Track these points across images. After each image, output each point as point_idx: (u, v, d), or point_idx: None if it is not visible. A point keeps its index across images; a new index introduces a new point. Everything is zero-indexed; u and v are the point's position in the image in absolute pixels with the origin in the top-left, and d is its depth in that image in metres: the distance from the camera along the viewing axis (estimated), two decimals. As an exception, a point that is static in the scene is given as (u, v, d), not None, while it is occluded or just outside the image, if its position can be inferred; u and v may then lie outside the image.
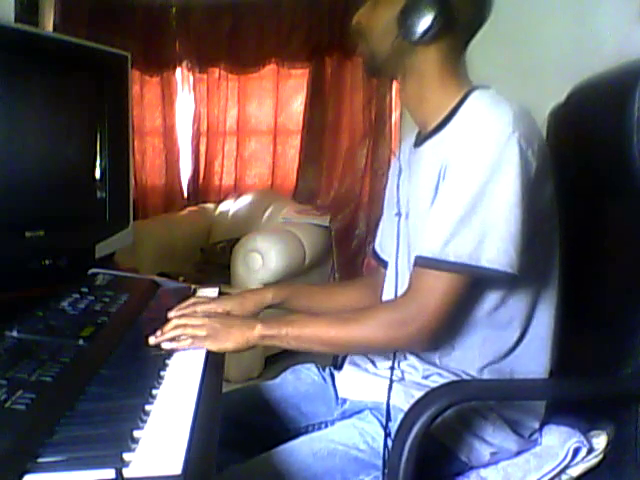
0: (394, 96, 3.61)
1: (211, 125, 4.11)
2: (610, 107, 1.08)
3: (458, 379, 1.05)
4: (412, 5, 1.01)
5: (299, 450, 1.01)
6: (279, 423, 1.20)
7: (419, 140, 1.14)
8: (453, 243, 0.96)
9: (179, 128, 4.16)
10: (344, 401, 1.18)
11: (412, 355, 1.09)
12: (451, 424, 1.01)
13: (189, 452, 0.64)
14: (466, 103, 1.02)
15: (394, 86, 3.61)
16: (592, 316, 1.16)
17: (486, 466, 1.05)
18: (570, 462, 1.05)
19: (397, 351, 1.09)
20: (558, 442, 1.08)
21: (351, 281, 1.71)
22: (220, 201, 4.08)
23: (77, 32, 2.12)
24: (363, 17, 1.10)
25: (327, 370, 1.28)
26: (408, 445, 0.86)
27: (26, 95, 1.35)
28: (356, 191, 3.70)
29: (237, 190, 4.09)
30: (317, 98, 3.83)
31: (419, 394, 0.93)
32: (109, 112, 1.55)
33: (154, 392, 0.81)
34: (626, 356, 1.04)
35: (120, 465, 0.60)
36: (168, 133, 4.14)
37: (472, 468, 1.05)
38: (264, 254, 2.83)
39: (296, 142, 3.95)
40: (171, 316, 1.13)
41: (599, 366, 1.11)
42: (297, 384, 1.25)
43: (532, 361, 1.08)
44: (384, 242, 1.29)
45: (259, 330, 1.02)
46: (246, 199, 3.90)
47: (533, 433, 1.10)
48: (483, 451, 1.04)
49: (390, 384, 1.06)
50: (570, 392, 1.05)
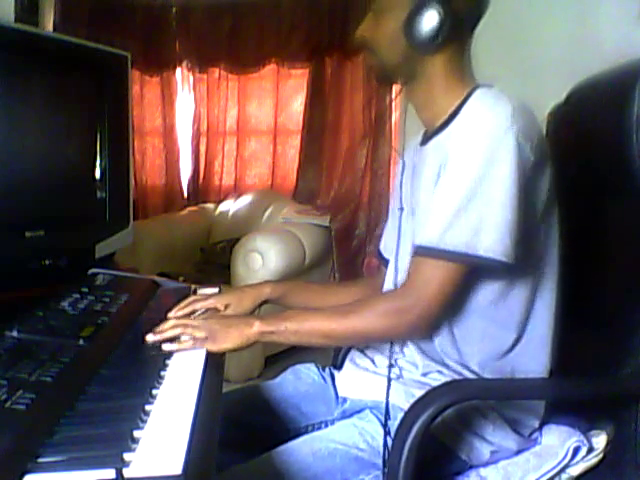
0: (394, 96, 3.61)
1: (211, 125, 4.11)
2: (610, 107, 1.08)
3: (458, 377, 1.06)
4: (417, 14, 1.02)
5: (299, 450, 1.02)
6: (279, 423, 1.20)
7: (424, 139, 1.15)
8: (450, 232, 0.97)
9: (179, 128, 4.16)
10: (344, 400, 1.18)
11: (413, 346, 1.09)
12: (451, 423, 1.01)
13: (189, 452, 0.64)
14: (469, 101, 1.03)
15: (394, 87, 3.61)
16: (592, 316, 1.16)
17: (486, 465, 1.06)
18: (570, 461, 1.05)
19: (396, 340, 1.09)
20: (558, 441, 1.08)
21: (351, 281, 1.71)
22: (220, 201, 4.08)
23: (77, 32, 2.11)
24: (367, 31, 1.10)
25: (327, 370, 1.28)
26: (408, 444, 0.86)
27: (26, 95, 1.35)
28: (356, 191, 3.70)
29: (237, 190, 4.09)
30: (317, 98, 3.83)
31: (419, 393, 0.94)
32: (109, 112, 1.55)
33: (154, 392, 0.81)
34: (626, 356, 1.04)
35: (120, 465, 0.60)
36: (168, 133, 4.14)
37: (472, 467, 1.06)
38: (264, 254, 2.83)
39: (296, 142, 3.96)
40: (170, 316, 1.13)
41: (599, 366, 1.11)
42: (297, 384, 1.25)
43: (532, 360, 1.08)
44: (388, 242, 1.30)
45: (258, 327, 1.03)
46: (246, 199, 3.90)
47: (533, 432, 1.10)
48: (483, 450, 1.04)
49: (388, 382, 1.06)
50: (570, 392, 1.05)
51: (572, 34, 1.82)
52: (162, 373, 0.89)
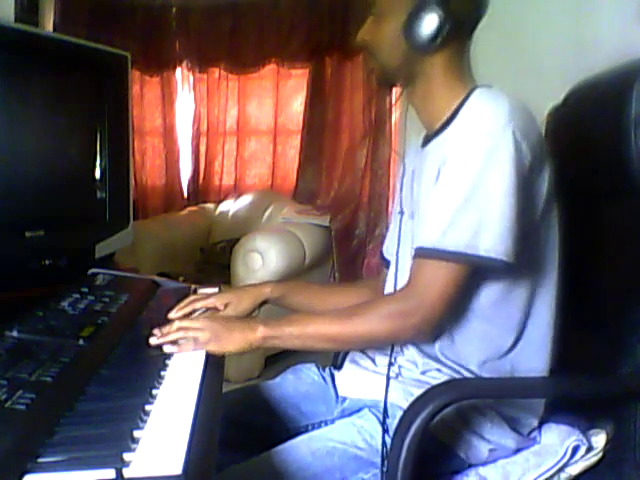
0: (394, 96, 3.61)
1: (211, 125, 4.11)
2: (608, 107, 1.08)
3: (457, 376, 1.06)
4: (417, 17, 1.02)
5: (298, 449, 1.02)
6: (279, 423, 1.20)
7: (425, 141, 1.15)
8: (451, 233, 0.97)
9: (179, 128, 4.16)
10: (344, 399, 1.18)
11: (412, 348, 1.09)
12: (449, 422, 1.01)
13: (189, 452, 0.64)
14: (467, 102, 1.03)
15: (394, 87, 3.61)
16: (591, 315, 1.16)
17: (485, 464, 1.06)
18: (569, 460, 1.05)
19: (399, 343, 1.09)
20: (557, 440, 1.08)
21: (352, 282, 1.71)
22: (220, 201, 4.08)
23: (77, 32, 2.11)
24: (367, 34, 1.11)
25: (327, 370, 1.28)
26: (407, 443, 0.86)
27: (26, 95, 1.35)
28: (356, 191, 3.70)
29: (237, 190, 4.09)
30: (317, 98, 3.83)
31: (418, 392, 0.94)
32: (109, 112, 1.55)
33: (154, 392, 0.81)
34: (625, 355, 1.04)
35: (120, 465, 0.60)
36: (168, 133, 4.14)
37: (471, 466, 1.06)
38: (264, 254, 2.83)
39: (296, 142, 3.96)
40: (172, 317, 1.13)
41: (598, 365, 1.11)
42: (297, 384, 1.25)
43: (532, 359, 1.08)
44: (389, 243, 1.30)
45: (261, 332, 1.03)
46: (246, 199, 3.90)
47: (532, 431, 1.10)
48: (482, 449, 1.04)
49: (387, 381, 1.06)
50: (569, 391, 1.05)
51: (571, 34, 1.82)
52: (162, 373, 0.89)
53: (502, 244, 0.96)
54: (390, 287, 1.16)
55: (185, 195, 4.21)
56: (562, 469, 1.05)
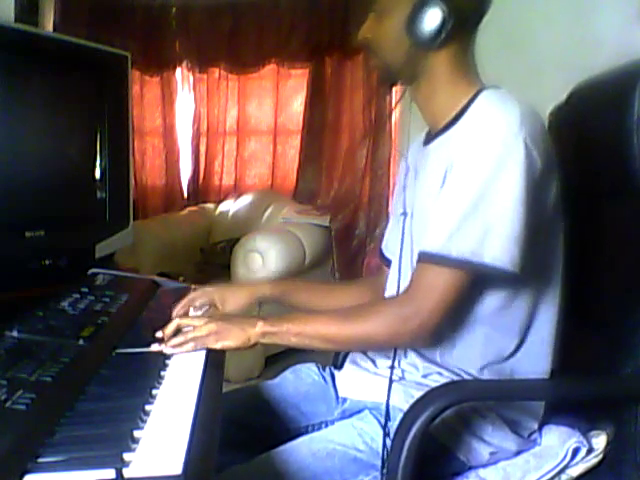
0: (394, 96, 3.60)
1: (211, 125, 4.11)
2: (610, 107, 1.08)
3: (458, 379, 1.05)
4: (420, 13, 1.01)
5: (298, 450, 1.02)
6: (279, 423, 1.20)
7: (428, 139, 1.14)
8: (456, 239, 0.96)
9: (179, 128, 4.16)
10: (344, 400, 1.18)
11: (413, 352, 1.09)
12: (450, 424, 1.01)
13: (189, 452, 0.64)
14: (475, 102, 1.02)
15: (394, 87, 3.61)
16: (592, 316, 1.15)
17: (485, 466, 1.05)
18: (570, 462, 1.05)
19: (399, 348, 1.09)
20: (558, 442, 1.07)
21: (352, 281, 1.71)
22: (220, 201, 4.08)
23: (77, 32, 2.11)
24: (369, 32, 1.09)
25: (327, 370, 1.28)
26: (407, 445, 0.86)
27: (26, 95, 1.35)
28: (356, 191, 3.70)
29: (237, 190, 4.10)
30: (317, 98, 3.83)
31: (418, 394, 0.93)
32: (109, 112, 1.55)
33: (154, 392, 0.81)
34: (626, 356, 1.04)
35: (120, 465, 0.60)
36: (168, 133, 4.14)
37: (471, 468, 1.05)
38: (264, 254, 2.83)
39: (296, 142, 3.96)
40: (172, 316, 1.13)
41: (599, 366, 1.11)
42: (297, 384, 1.25)
43: (532, 364, 1.08)
44: (390, 242, 1.29)
45: (260, 327, 1.03)
46: (246, 199, 3.90)
47: (532, 433, 1.10)
48: (482, 451, 1.04)
49: (390, 384, 1.06)
50: (569, 392, 1.05)
51: (572, 34, 1.82)
52: (162, 373, 0.89)
53: (508, 253, 0.95)
54: (392, 289, 1.15)
55: (185, 195, 4.22)
56: (562, 471, 1.05)
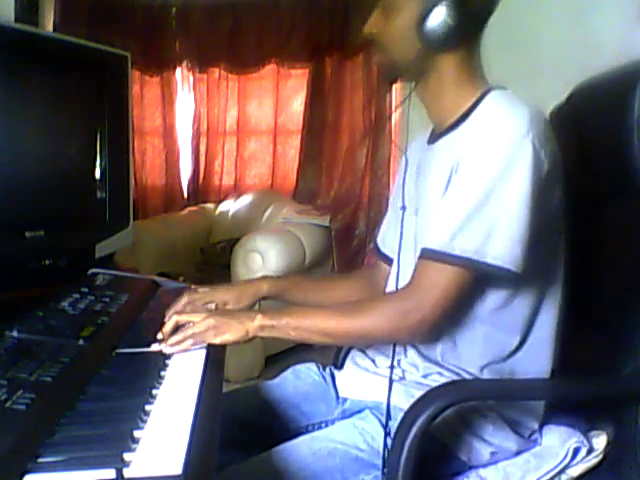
0: (394, 96, 3.61)
1: (211, 125, 4.11)
2: (610, 107, 1.08)
3: (458, 378, 1.05)
4: (431, 12, 1.00)
5: (299, 450, 1.02)
6: (279, 423, 1.20)
7: (432, 137, 1.14)
8: (460, 237, 0.96)
9: (179, 128, 4.16)
10: (344, 400, 1.18)
11: (414, 351, 1.09)
12: (451, 423, 1.01)
13: (189, 452, 0.64)
14: (482, 103, 1.02)
15: (394, 87, 3.61)
16: (592, 316, 1.15)
17: (486, 466, 1.05)
18: (570, 462, 1.05)
19: (397, 343, 1.09)
20: (558, 442, 1.07)
21: (348, 274, 1.70)
22: (220, 201, 4.08)
23: (77, 32, 2.11)
24: (375, 27, 1.08)
25: (327, 370, 1.28)
26: (408, 444, 0.86)
27: (26, 95, 1.35)
28: (356, 191, 3.71)
29: (237, 190, 4.10)
30: (317, 98, 3.83)
31: (419, 393, 0.93)
32: (109, 112, 1.55)
33: (154, 392, 0.81)
34: (626, 356, 1.04)
35: (120, 465, 0.60)
36: (168, 133, 4.14)
37: (471, 468, 1.05)
38: (264, 254, 2.83)
39: (296, 142, 3.96)
40: (170, 313, 1.13)
41: (599, 366, 1.11)
42: (297, 384, 1.25)
43: (533, 363, 1.08)
44: (387, 237, 1.29)
45: (259, 320, 1.03)
46: (246, 199, 3.90)
47: (533, 433, 1.10)
48: (483, 451, 1.04)
49: (390, 383, 1.06)
50: (570, 392, 1.05)
51: (572, 34, 1.82)
52: (162, 373, 0.89)
53: (511, 253, 0.95)
54: (392, 284, 1.15)
55: (185, 195, 4.22)
56: (563, 471, 1.05)
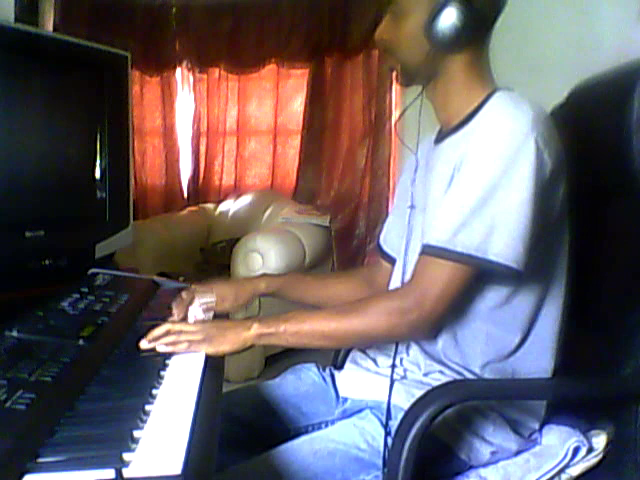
0: (394, 96, 3.62)
1: (211, 125, 4.11)
2: (610, 107, 1.08)
3: (459, 377, 1.05)
4: (440, 16, 1.00)
5: (299, 450, 1.01)
6: (279, 423, 1.20)
7: (439, 137, 1.14)
8: (462, 234, 0.96)
9: (179, 128, 4.16)
10: (345, 400, 1.18)
11: (417, 348, 1.09)
12: (451, 423, 1.01)
13: (189, 452, 0.64)
14: (488, 103, 1.03)
15: (394, 86, 3.62)
16: (592, 316, 1.15)
17: (486, 465, 1.05)
18: (570, 461, 1.05)
19: (399, 341, 1.08)
20: (558, 441, 1.07)
21: (346, 272, 1.70)
22: (220, 201, 4.08)
23: (77, 32, 2.11)
24: (386, 33, 1.09)
25: (327, 370, 1.28)
26: (408, 444, 0.86)
27: (26, 95, 1.35)
28: (356, 191, 3.71)
29: (237, 190, 4.10)
30: (317, 98, 3.84)
31: (419, 393, 0.93)
32: (109, 112, 1.55)
33: (154, 392, 0.81)
34: (626, 356, 1.04)
35: (120, 465, 0.60)
36: (168, 133, 4.14)
37: (472, 467, 1.05)
38: (264, 254, 2.83)
39: (296, 142, 3.96)
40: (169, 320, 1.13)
41: (599, 366, 1.11)
42: (297, 384, 1.25)
43: (534, 363, 1.08)
44: (390, 235, 1.29)
45: (256, 329, 1.02)
46: (246, 199, 3.90)
47: (533, 433, 1.10)
48: (483, 450, 1.04)
49: (391, 383, 1.06)
50: (570, 392, 1.05)
51: (572, 34, 1.82)
52: (162, 373, 0.89)
53: (513, 250, 0.95)
54: (396, 282, 1.15)
55: (185, 195, 4.22)
56: (563, 470, 1.05)
